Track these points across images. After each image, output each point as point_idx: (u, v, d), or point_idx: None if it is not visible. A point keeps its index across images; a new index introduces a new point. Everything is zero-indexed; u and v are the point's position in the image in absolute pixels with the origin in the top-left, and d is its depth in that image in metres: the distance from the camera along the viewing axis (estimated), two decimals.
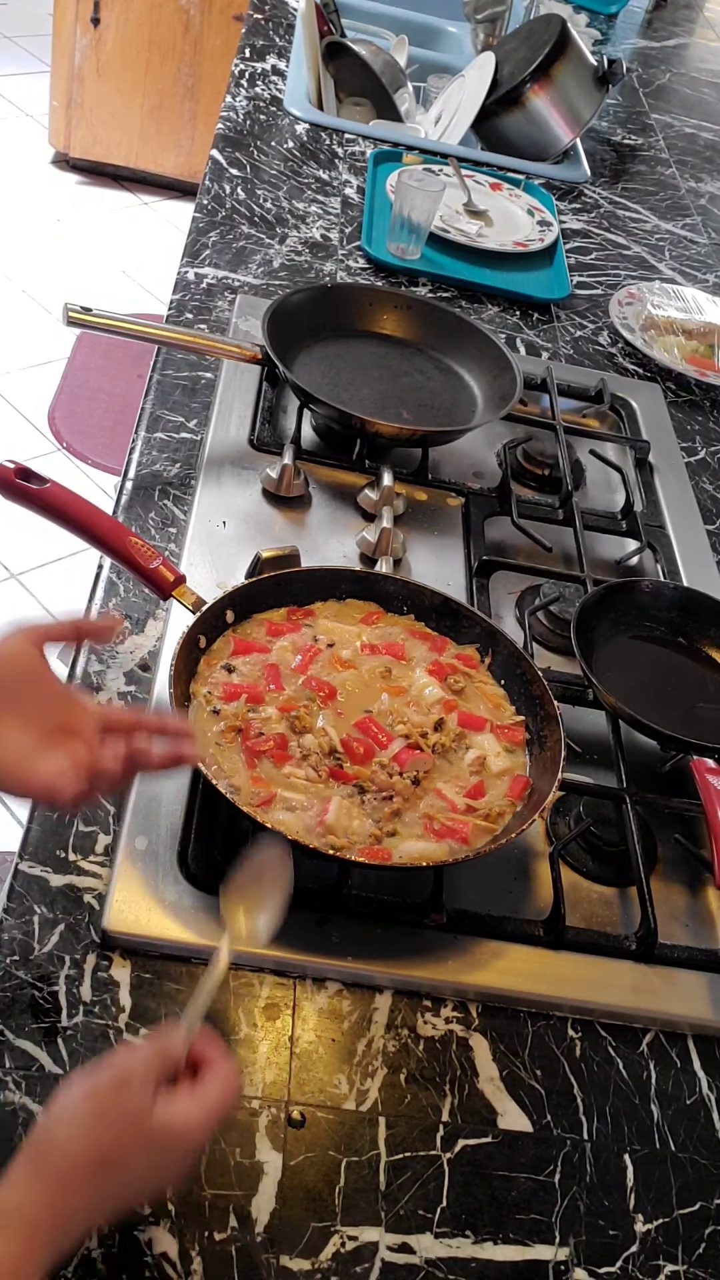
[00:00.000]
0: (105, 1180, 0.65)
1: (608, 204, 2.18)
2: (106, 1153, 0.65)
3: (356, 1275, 0.74)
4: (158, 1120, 0.67)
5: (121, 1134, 0.66)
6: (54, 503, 1.02)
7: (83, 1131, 0.66)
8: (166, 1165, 0.69)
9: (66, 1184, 0.64)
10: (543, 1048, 0.89)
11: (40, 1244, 0.63)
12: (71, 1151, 0.65)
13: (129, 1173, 0.67)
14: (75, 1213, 0.65)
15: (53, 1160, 0.65)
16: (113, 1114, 0.67)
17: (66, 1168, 0.65)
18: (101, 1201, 0.66)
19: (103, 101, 3.78)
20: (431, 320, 1.52)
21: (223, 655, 1.03)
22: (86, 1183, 0.65)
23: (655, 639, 1.20)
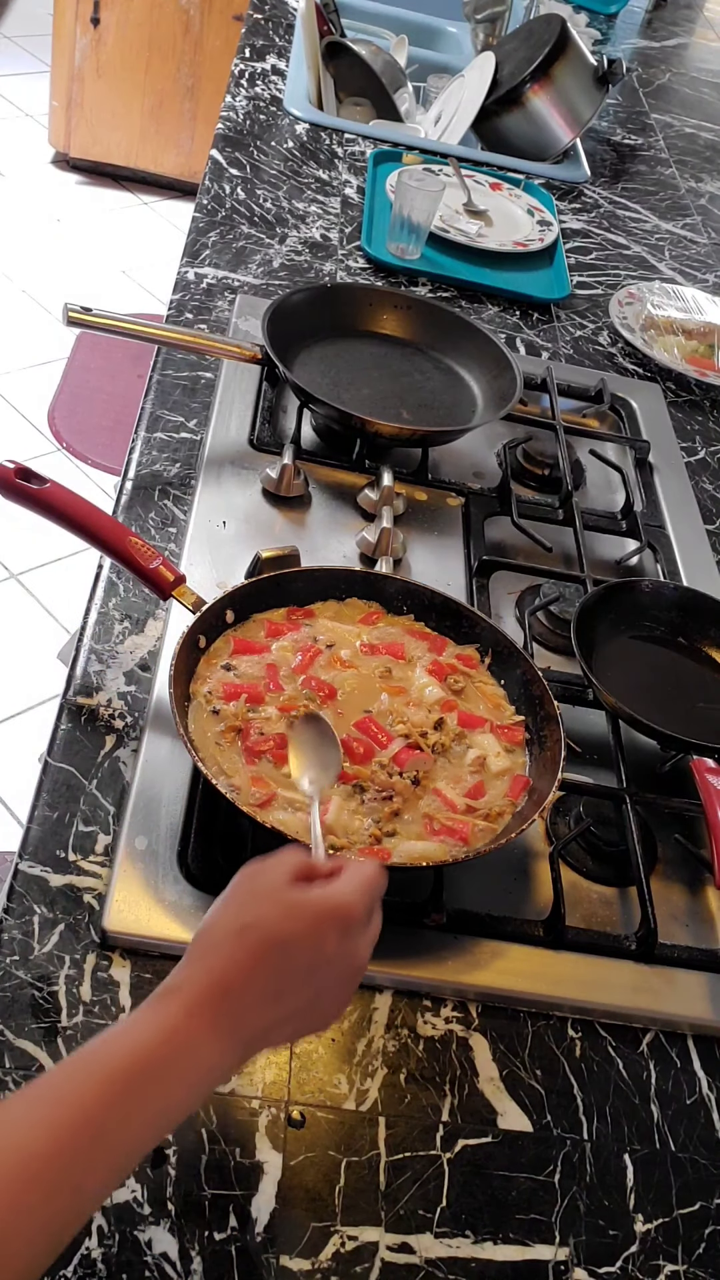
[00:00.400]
0: (258, 947, 0.66)
1: (608, 204, 2.18)
2: (249, 920, 0.67)
3: (356, 1275, 0.74)
4: (297, 893, 0.68)
5: (259, 903, 0.68)
6: (54, 503, 1.02)
7: (224, 910, 0.68)
8: (322, 937, 0.67)
9: (218, 951, 0.66)
10: (543, 1048, 0.89)
11: (207, 1008, 0.63)
12: (217, 929, 0.67)
13: (280, 941, 0.66)
14: (235, 979, 0.64)
15: (203, 941, 0.67)
16: (249, 892, 0.69)
17: (215, 939, 0.66)
18: (265, 973, 0.65)
19: (103, 101, 3.78)
20: (431, 320, 1.52)
21: (223, 655, 1.03)
22: (237, 949, 0.65)
23: (655, 639, 1.20)
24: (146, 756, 0.97)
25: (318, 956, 0.67)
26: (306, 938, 0.67)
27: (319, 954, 0.67)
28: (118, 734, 1.00)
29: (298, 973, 0.66)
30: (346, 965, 0.70)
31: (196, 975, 0.65)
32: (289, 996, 0.66)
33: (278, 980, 0.66)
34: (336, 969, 0.69)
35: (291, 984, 0.66)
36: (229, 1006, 0.64)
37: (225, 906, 0.69)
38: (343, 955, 0.69)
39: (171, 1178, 0.76)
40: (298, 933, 0.67)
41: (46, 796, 0.94)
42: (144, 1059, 0.61)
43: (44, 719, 2.28)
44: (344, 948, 0.68)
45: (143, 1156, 0.62)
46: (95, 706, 1.02)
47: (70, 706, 1.01)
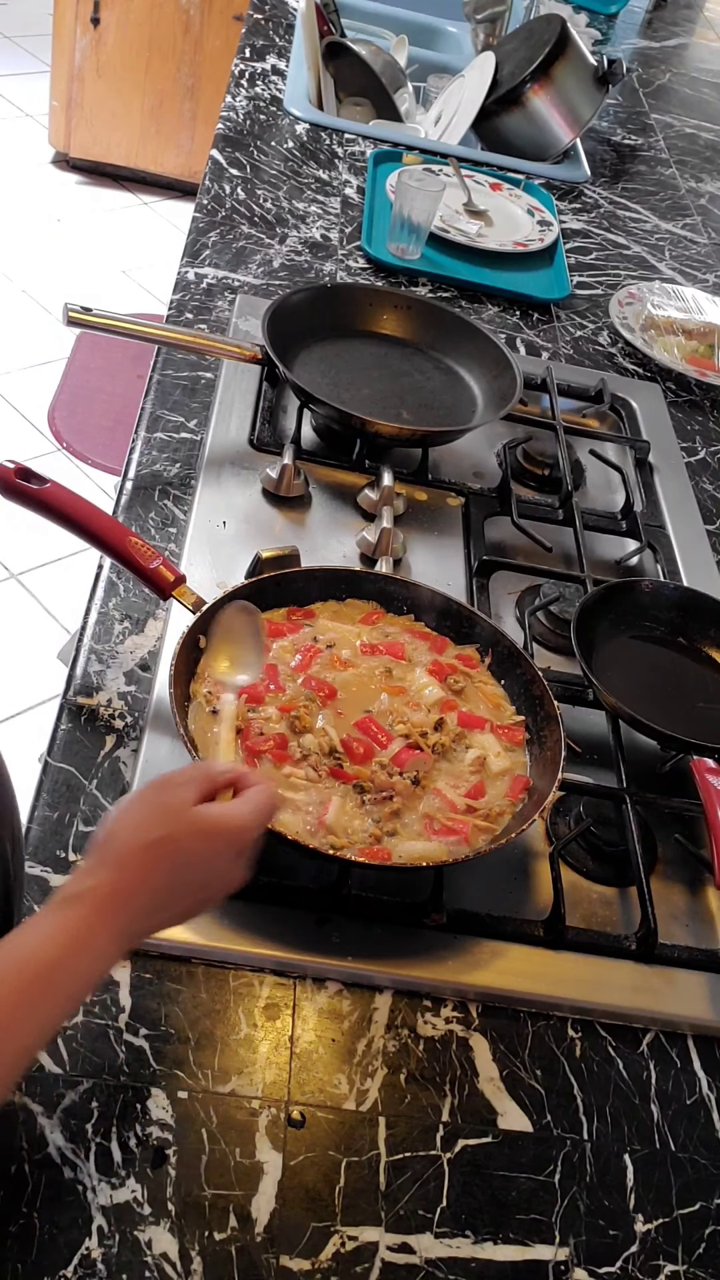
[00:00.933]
0: (162, 861, 0.71)
1: (608, 204, 2.18)
2: (158, 833, 0.72)
3: (356, 1275, 0.74)
4: (202, 810, 0.74)
5: (169, 817, 0.73)
6: (54, 503, 1.02)
7: (133, 821, 0.73)
8: (218, 855, 0.74)
9: (125, 863, 0.70)
10: (543, 1048, 0.89)
11: (110, 915, 0.68)
12: (125, 839, 0.72)
13: (183, 857, 0.72)
14: (138, 890, 0.70)
15: (110, 848, 0.71)
16: (158, 803, 0.74)
17: (123, 851, 0.71)
18: (164, 885, 0.71)
19: (103, 101, 3.78)
20: (431, 320, 1.52)
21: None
22: (144, 862, 0.71)
23: (655, 639, 1.20)
24: (146, 756, 0.97)
25: (209, 872, 0.74)
26: (206, 857, 0.74)
27: (211, 869, 0.74)
28: (118, 734, 1.00)
29: (191, 885, 0.74)
30: (229, 878, 0.76)
31: (104, 884, 0.69)
32: (178, 904, 0.74)
33: (172, 891, 0.73)
34: (220, 881, 0.76)
35: (183, 894, 0.74)
36: (129, 913, 0.70)
37: (134, 816, 0.74)
38: (230, 870, 0.76)
39: (171, 1178, 0.76)
40: (200, 851, 0.73)
41: (46, 796, 0.94)
42: (52, 964, 0.65)
43: (44, 719, 2.28)
44: (232, 864, 0.75)
45: (34, 1057, 0.69)
46: (95, 706, 1.02)
47: (70, 706, 1.02)
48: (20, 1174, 0.74)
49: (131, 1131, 0.77)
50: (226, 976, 0.86)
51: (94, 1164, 0.75)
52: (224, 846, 0.74)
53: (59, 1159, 0.75)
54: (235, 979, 0.87)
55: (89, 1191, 0.74)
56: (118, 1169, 0.75)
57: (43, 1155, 0.75)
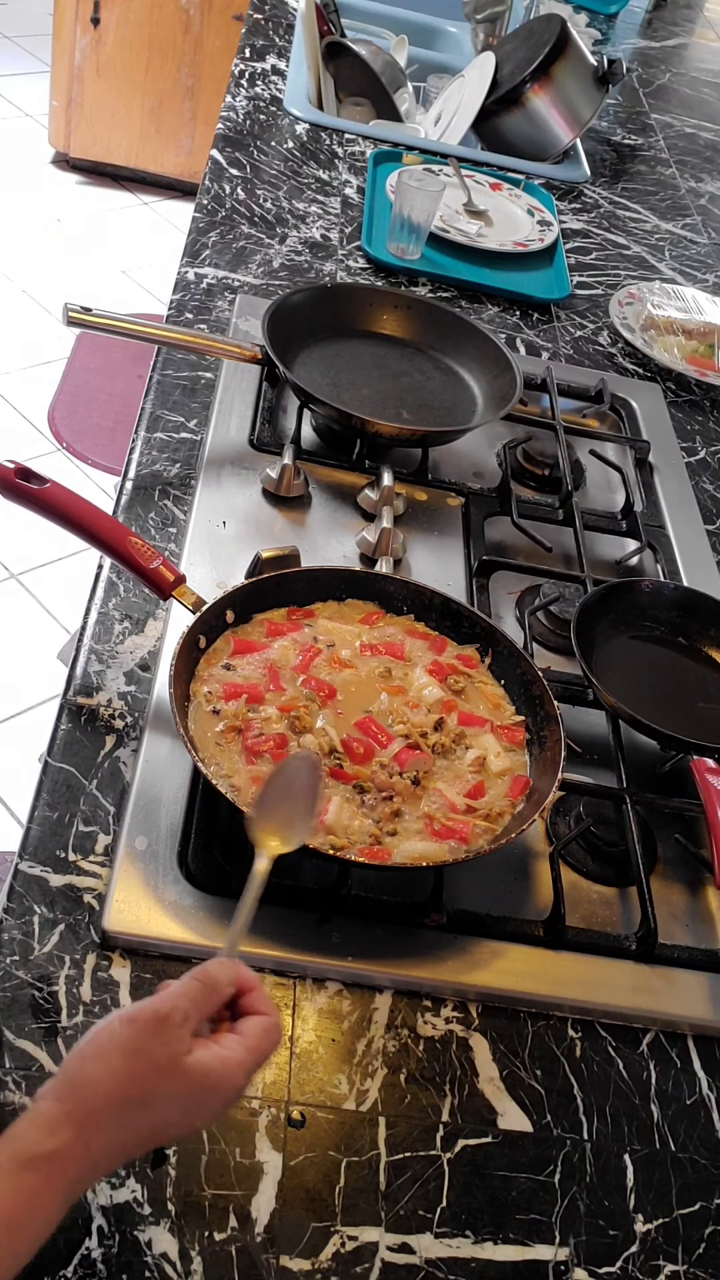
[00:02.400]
0: (135, 1120, 0.65)
1: (608, 204, 2.18)
2: (138, 1093, 0.65)
3: (356, 1275, 0.74)
4: (195, 1063, 0.66)
5: (157, 1074, 0.65)
6: (54, 503, 1.02)
7: (114, 1069, 0.65)
8: (202, 1107, 0.68)
9: (94, 1123, 0.64)
10: (543, 1048, 0.89)
11: (61, 1181, 0.63)
12: (102, 1090, 0.64)
13: (161, 1114, 0.66)
14: (100, 1153, 0.64)
15: (83, 1098, 0.64)
16: (148, 1054, 0.65)
17: (95, 1105, 0.64)
18: (129, 1140, 0.66)
19: (103, 101, 3.78)
20: (431, 320, 1.52)
21: (223, 655, 1.03)
22: (115, 1122, 0.64)
23: (655, 639, 1.20)
24: (146, 756, 0.97)
25: (186, 1125, 0.69)
26: (188, 1111, 0.67)
27: (188, 1122, 0.69)
28: (118, 734, 1.00)
29: (164, 1137, 0.69)
30: (206, 1123, 0.73)
31: (69, 1149, 0.63)
32: (140, 1151, 0.68)
33: (140, 1146, 0.67)
34: (196, 1126, 0.72)
35: (151, 1144, 0.68)
36: (89, 1174, 0.64)
37: (114, 1064, 0.66)
38: (210, 1119, 0.72)
39: (171, 1178, 0.76)
40: (183, 1108, 0.67)
41: (46, 796, 0.94)
42: None
43: (44, 719, 2.28)
44: (215, 1115, 0.70)
45: None
46: (95, 706, 1.02)
47: (70, 706, 1.02)
48: None
49: None
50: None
51: None
52: (213, 1102, 0.68)
53: None
54: None
55: (89, 1191, 0.74)
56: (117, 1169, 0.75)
57: None
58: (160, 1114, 0.66)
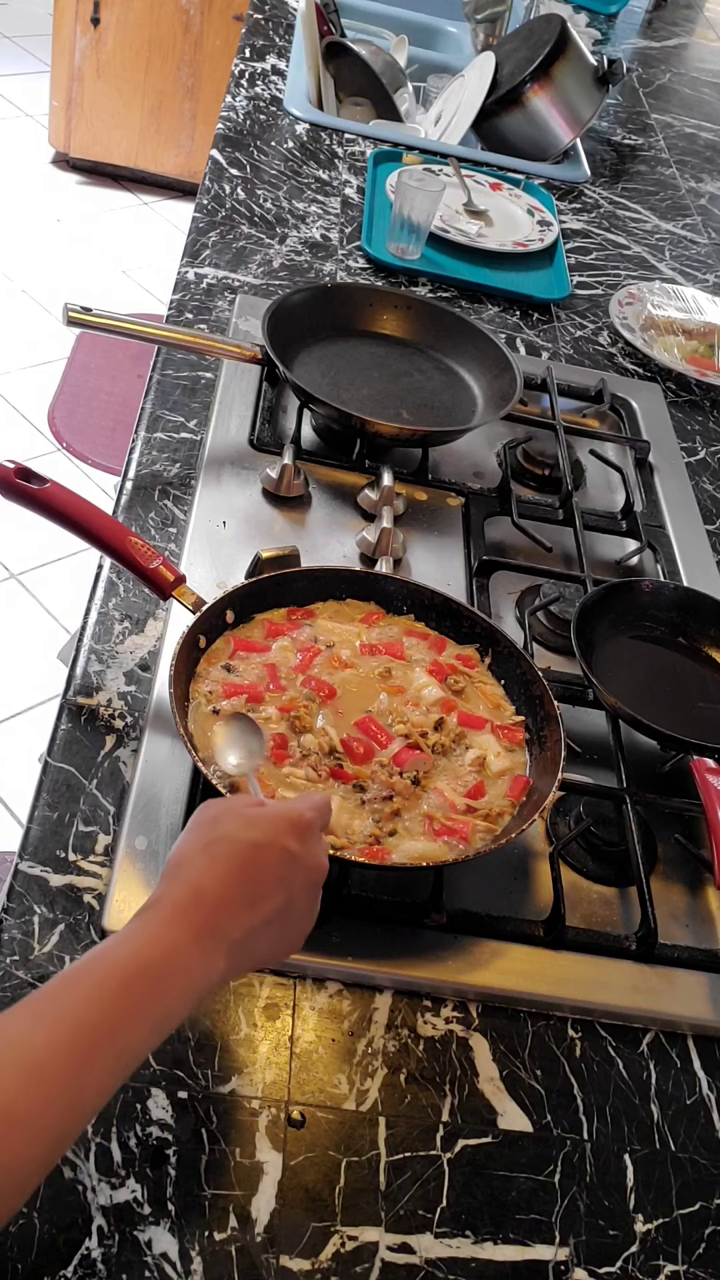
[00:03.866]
0: (221, 856, 0.70)
1: (608, 204, 2.18)
2: (211, 837, 0.71)
3: (356, 1275, 0.74)
4: (251, 806, 0.74)
5: (219, 820, 0.73)
6: (54, 503, 1.02)
7: (186, 837, 0.73)
8: (276, 839, 0.72)
9: (186, 866, 0.70)
10: (543, 1048, 0.89)
11: (189, 913, 0.67)
12: (182, 849, 0.72)
13: (241, 846, 0.71)
14: (208, 885, 0.69)
15: (170, 864, 0.71)
16: (207, 816, 0.74)
17: (182, 859, 0.71)
18: (232, 877, 0.70)
19: (103, 101, 3.78)
20: (431, 320, 1.52)
21: (223, 655, 1.03)
22: (206, 861, 0.70)
23: (655, 639, 1.20)
24: (146, 756, 0.97)
25: (285, 857, 0.72)
26: (271, 842, 0.72)
27: (286, 855, 0.72)
28: (118, 734, 1.00)
29: (269, 876, 0.71)
30: (311, 866, 0.74)
31: (171, 890, 0.68)
32: (264, 900, 0.71)
33: (252, 885, 0.70)
34: (303, 870, 0.74)
35: (265, 887, 0.71)
36: (206, 913, 0.68)
37: (188, 834, 0.73)
38: (306, 856, 0.74)
39: (171, 1178, 0.76)
40: (262, 839, 0.72)
41: (46, 796, 0.94)
42: (128, 971, 0.64)
43: (44, 719, 2.28)
44: (306, 849, 0.73)
45: (139, 1062, 0.64)
46: (95, 706, 1.02)
47: (70, 706, 1.02)
48: None
49: (131, 1131, 0.77)
50: None
51: (94, 1164, 0.75)
52: (287, 833, 0.73)
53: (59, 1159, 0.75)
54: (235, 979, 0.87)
55: (89, 1191, 0.74)
56: (117, 1169, 0.75)
57: None
58: (239, 844, 0.71)
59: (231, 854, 0.71)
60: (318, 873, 0.75)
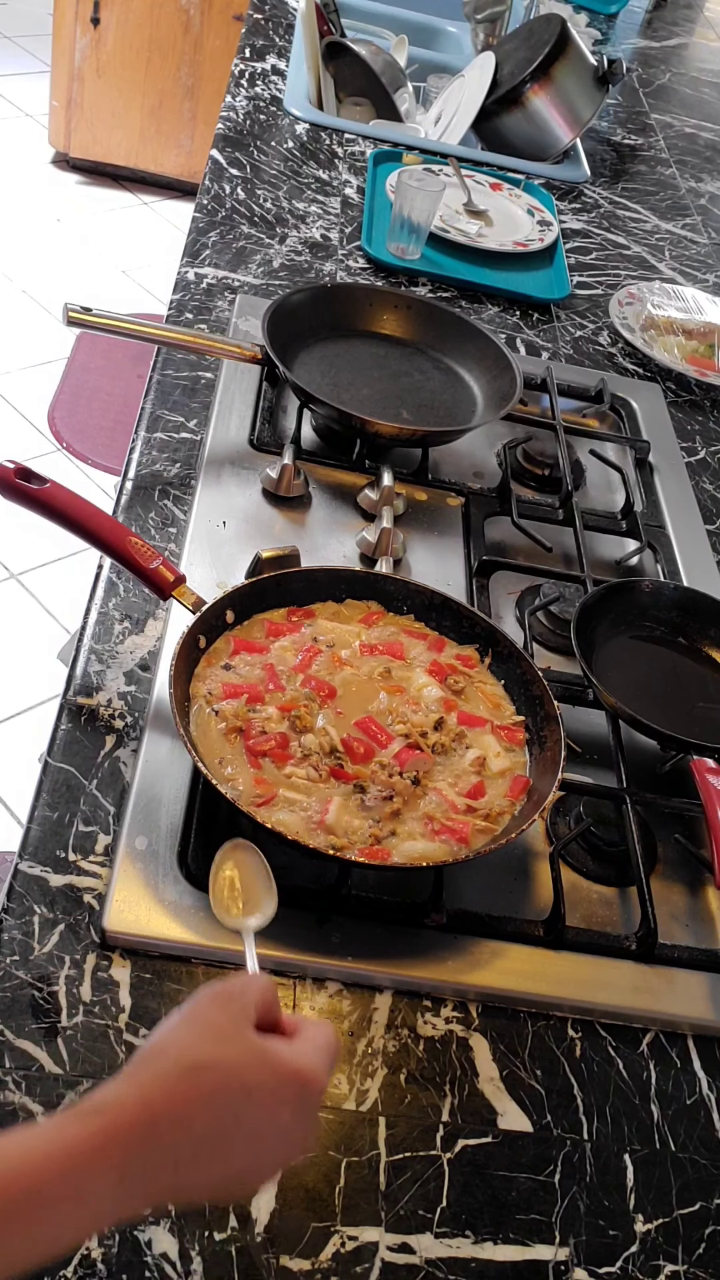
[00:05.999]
0: (206, 1093, 0.56)
1: (608, 204, 2.18)
2: (206, 1059, 0.57)
3: (356, 1275, 0.74)
4: (263, 1042, 0.60)
5: (221, 1042, 0.58)
6: (54, 503, 1.02)
7: (177, 1038, 0.58)
8: (281, 1101, 0.59)
9: (161, 1086, 0.56)
10: (543, 1048, 0.89)
11: (124, 1147, 0.54)
12: (169, 1056, 0.57)
13: (233, 1094, 0.57)
14: (168, 1124, 0.55)
15: (148, 1066, 0.58)
16: (209, 1024, 0.59)
17: (162, 1070, 0.57)
18: (204, 1126, 0.56)
19: (103, 101, 3.78)
20: (431, 320, 1.52)
21: (223, 655, 1.03)
22: (184, 1090, 0.56)
23: (655, 639, 1.20)
24: (146, 756, 0.97)
25: (271, 1122, 0.59)
26: (267, 1098, 0.58)
27: (273, 1119, 0.59)
28: (118, 734, 1.00)
29: (242, 1133, 0.58)
30: (293, 1139, 0.61)
31: (127, 1102, 0.55)
32: (220, 1159, 0.57)
33: (214, 1138, 0.57)
34: (283, 1139, 0.61)
35: (228, 1145, 0.57)
36: (149, 1151, 0.55)
37: (180, 1030, 0.60)
38: (295, 1128, 0.61)
39: None
40: (260, 1087, 0.58)
41: (46, 796, 0.94)
42: (33, 1181, 0.52)
43: (44, 719, 2.28)
44: (298, 1120, 0.61)
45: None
46: (95, 706, 1.02)
47: (70, 706, 1.01)
48: None
49: None
50: (226, 976, 0.86)
51: None
52: (289, 1092, 0.59)
53: None
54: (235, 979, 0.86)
55: None
56: None
57: None
58: (233, 1091, 0.57)
59: (216, 1091, 0.57)
60: (296, 1149, 0.64)
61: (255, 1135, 0.58)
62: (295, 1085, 0.60)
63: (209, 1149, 0.57)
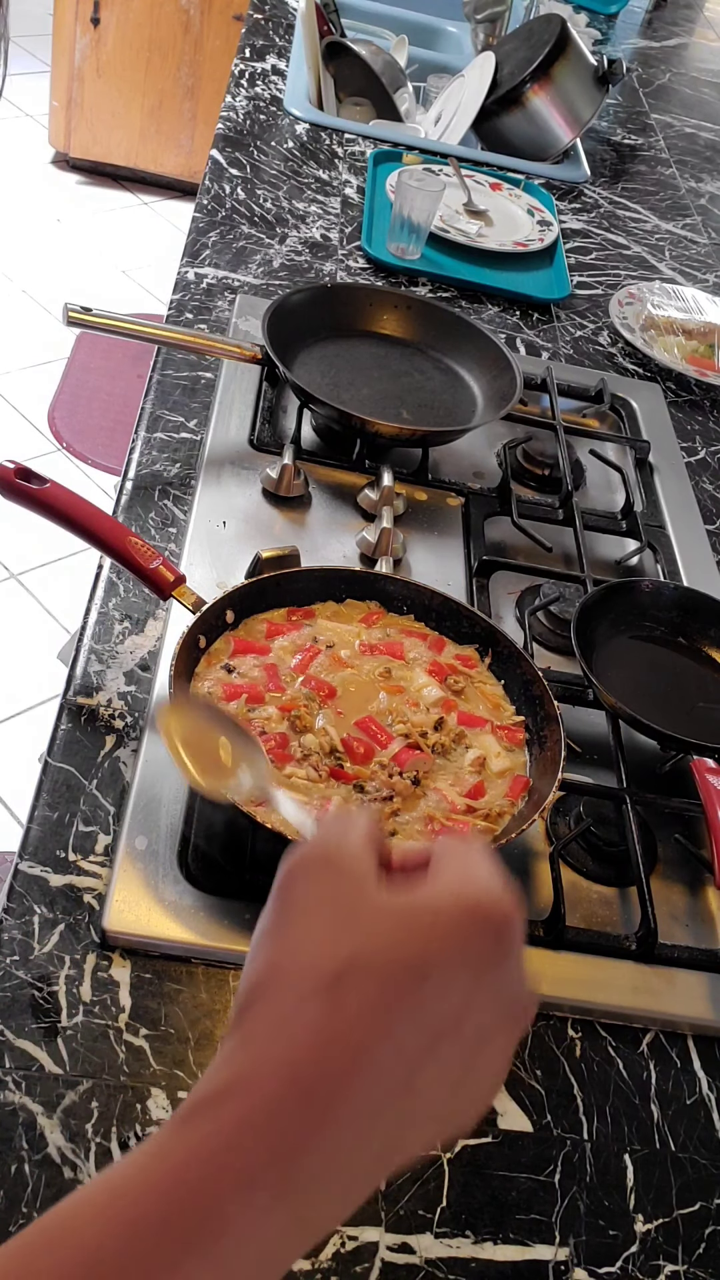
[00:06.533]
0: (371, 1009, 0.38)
1: (608, 204, 2.18)
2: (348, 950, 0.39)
3: (356, 1275, 0.74)
4: (415, 903, 0.42)
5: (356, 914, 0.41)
6: (54, 503, 1.02)
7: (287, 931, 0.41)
8: (478, 959, 0.40)
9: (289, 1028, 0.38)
10: (543, 1048, 0.89)
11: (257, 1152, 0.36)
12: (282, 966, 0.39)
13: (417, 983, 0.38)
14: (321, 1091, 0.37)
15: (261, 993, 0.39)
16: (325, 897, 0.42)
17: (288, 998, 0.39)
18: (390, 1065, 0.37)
19: (103, 101, 3.79)
20: (431, 320, 1.52)
21: (223, 655, 1.03)
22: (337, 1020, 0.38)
23: (655, 639, 1.20)
24: (146, 756, 0.97)
25: (470, 994, 0.39)
26: (449, 964, 0.39)
27: (472, 989, 0.39)
28: (118, 734, 1.00)
29: (441, 1030, 0.39)
30: (513, 1002, 0.42)
31: (254, 1075, 0.37)
32: (426, 1086, 0.38)
33: (405, 1058, 0.38)
34: (502, 1011, 0.41)
35: (430, 1056, 0.38)
36: (311, 1141, 0.36)
37: (287, 935, 0.41)
38: (507, 986, 0.41)
39: None
40: (433, 959, 0.39)
41: (46, 796, 0.94)
42: (140, 1219, 0.35)
43: (44, 719, 2.28)
44: (507, 975, 0.41)
45: None
46: (95, 706, 1.02)
47: (70, 706, 1.02)
48: (20, 1174, 0.74)
49: (131, 1131, 0.77)
50: (226, 976, 0.86)
51: (94, 1164, 0.75)
52: (482, 945, 0.40)
53: (59, 1159, 0.75)
54: (235, 979, 0.87)
55: None
56: None
57: (42, 1155, 0.75)
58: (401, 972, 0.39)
59: (381, 998, 0.38)
60: (522, 1013, 0.43)
61: (456, 1023, 0.39)
62: (485, 933, 0.41)
63: (399, 1085, 0.38)
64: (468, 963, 0.40)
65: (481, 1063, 0.41)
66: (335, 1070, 0.37)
